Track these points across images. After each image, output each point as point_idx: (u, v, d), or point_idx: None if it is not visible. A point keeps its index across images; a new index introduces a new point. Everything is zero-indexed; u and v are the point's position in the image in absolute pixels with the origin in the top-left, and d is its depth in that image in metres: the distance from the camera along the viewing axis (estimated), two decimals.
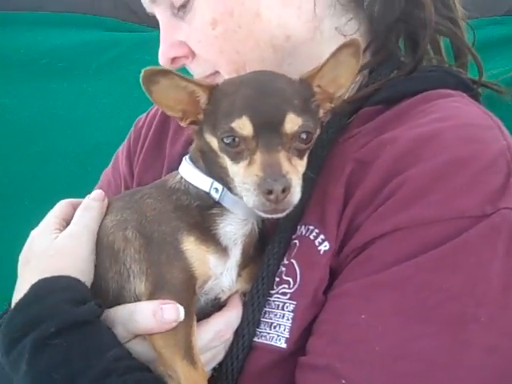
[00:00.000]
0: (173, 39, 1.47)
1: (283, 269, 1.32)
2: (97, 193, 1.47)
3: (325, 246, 1.28)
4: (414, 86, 1.40)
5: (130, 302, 1.31)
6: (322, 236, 1.29)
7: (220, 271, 1.31)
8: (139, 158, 1.82)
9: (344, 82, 1.31)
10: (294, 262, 1.31)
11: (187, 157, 1.39)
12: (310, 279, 1.27)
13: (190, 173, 1.35)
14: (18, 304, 1.25)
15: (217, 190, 1.30)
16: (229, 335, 1.31)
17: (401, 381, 1.12)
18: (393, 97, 1.40)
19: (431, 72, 1.46)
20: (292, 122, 1.19)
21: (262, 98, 1.20)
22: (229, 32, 1.41)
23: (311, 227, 1.31)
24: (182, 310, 1.22)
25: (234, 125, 1.18)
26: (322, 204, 1.31)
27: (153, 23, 2.78)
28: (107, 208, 1.44)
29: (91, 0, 2.84)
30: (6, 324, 1.25)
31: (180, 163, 1.42)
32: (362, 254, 1.22)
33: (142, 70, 1.23)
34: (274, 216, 1.22)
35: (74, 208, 1.46)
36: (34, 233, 1.45)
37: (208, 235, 1.30)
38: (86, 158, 2.87)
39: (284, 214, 1.21)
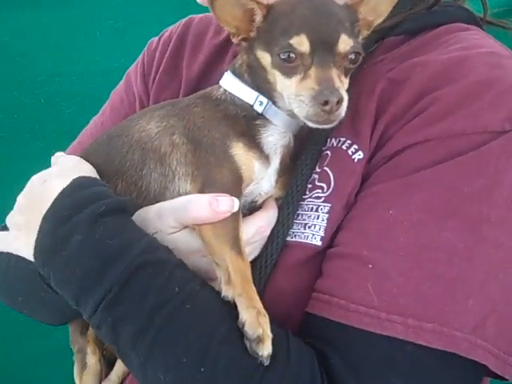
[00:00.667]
0: None
1: (316, 176, 1.42)
2: (58, 154, 1.58)
3: (359, 155, 1.37)
4: (435, 19, 1.52)
5: None
6: (355, 146, 1.38)
7: (261, 176, 1.43)
8: (155, 78, 1.89)
9: (384, 10, 1.41)
10: (327, 169, 1.41)
11: (229, 71, 1.48)
12: (345, 184, 1.37)
13: (234, 86, 1.45)
14: (63, 191, 1.33)
15: (261, 102, 1.41)
16: (268, 231, 1.41)
17: (423, 266, 1.22)
18: (415, 28, 1.51)
19: (448, 7, 1.57)
20: (345, 43, 1.30)
21: (319, 18, 1.31)
22: None
23: (343, 139, 1.41)
24: (236, 201, 1.33)
25: (292, 41, 1.29)
26: (353, 118, 1.39)
27: None
28: (146, 116, 1.51)
29: None
30: (51, 206, 1.32)
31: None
32: (391, 161, 1.32)
33: None
34: (325, 126, 1.33)
35: None
36: (33, 177, 1.48)
37: (254, 143, 1.41)
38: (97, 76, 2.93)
39: (333, 125, 1.32)
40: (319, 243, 1.36)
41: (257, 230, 1.40)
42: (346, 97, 1.29)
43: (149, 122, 1.48)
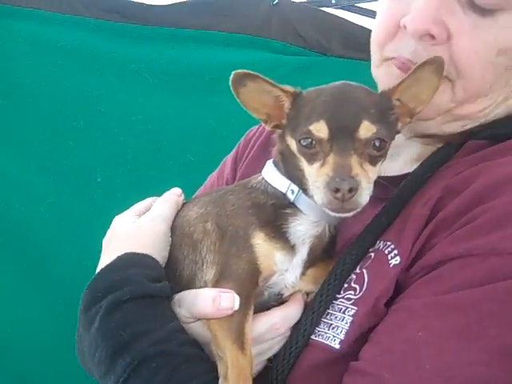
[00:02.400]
0: (437, 14, 1.36)
1: (353, 276, 1.35)
2: (175, 189, 1.58)
3: (395, 260, 1.30)
4: None
5: (199, 288, 1.39)
6: (395, 251, 1.31)
7: (285, 268, 1.37)
8: (243, 164, 1.89)
9: (425, 99, 1.35)
10: (364, 271, 1.34)
11: (271, 160, 1.45)
12: (374, 288, 1.29)
13: (270, 174, 1.42)
14: (103, 269, 1.37)
15: (293, 191, 1.36)
16: (284, 329, 1.35)
17: None
18: (500, 134, 1.41)
19: None
20: (366, 129, 1.24)
21: (340, 104, 1.27)
22: (508, 66, 1.39)
23: (388, 243, 1.34)
24: (237, 299, 1.29)
25: (311, 127, 1.26)
26: (404, 223, 1.33)
27: (318, 48, 2.94)
28: (195, 201, 1.53)
29: (261, 22, 2.99)
30: (90, 284, 1.36)
31: None
32: (431, 273, 1.23)
33: (232, 73, 1.30)
34: (342, 215, 1.27)
35: None
36: (117, 218, 1.56)
37: (278, 232, 1.36)
38: None
39: (351, 214, 1.26)
40: (337, 346, 1.28)
41: (270, 327, 1.34)
42: (364, 185, 1.23)
43: (192, 208, 1.51)
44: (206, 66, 3.02)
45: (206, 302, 1.30)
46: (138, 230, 1.47)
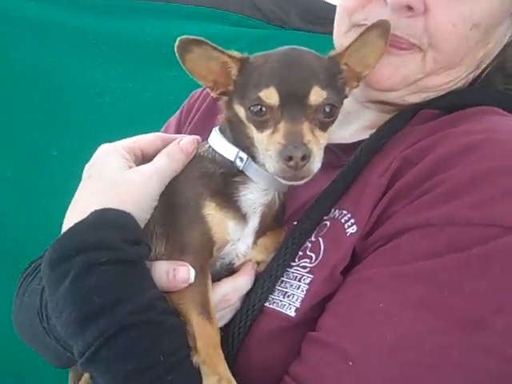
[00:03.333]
0: None
1: (309, 245, 1.35)
2: (189, 142, 1.43)
3: (352, 229, 1.30)
4: (473, 99, 1.43)
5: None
6: (352, 220, 1.31)
7: (237, 237, 1.36)
8: (188, 128, 1.86)
9: (371, 62, 1.35)
10: (320, 240, 1.34)
11: (217, 128, 1.43)
12: (331, 257, 1.29)
13: (217, 142, 1.39)
14: (75, 226, 1.26)
15: (241, 159, 1.34)
16: (235, 300, 1.34)
17: (407, 371, 1.12)
18: (452, 104, 1.42)
19: (492, 89, 1.49)
20: (316, 95, 1.23)
21: (290, 70, 1.25)
22: (478, 41, 1.41)
23: (345, 211, 1.34)
24: (192, 271, 1.27)
25: (261, 94, 1.24)
26: (361, 191, 1.33)
27: (276, 21, 2.92)
28: None
29: None
30: (58, 239, 1.26)
31: None
32: (390, 243, 1.23)
33: (178, 39, 1.28)
34: (294, 183, 1.27)
35: (163, 144, 1.45)
36: (103, 148, 1.44)
37: (229, 202, 1.34)
38: None
39: (303, 181, 1.25)
40: (293, 314, 1.28)
41: (221, 297, 1.33)
42: (316, 152, 1.22)
43: None
44: (163, 39, 2.95)
45: (161, 276, 1.27)
46: (126, 183, 1.34)
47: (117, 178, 1.35)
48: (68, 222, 1.30)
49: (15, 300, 1.63)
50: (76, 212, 1.32)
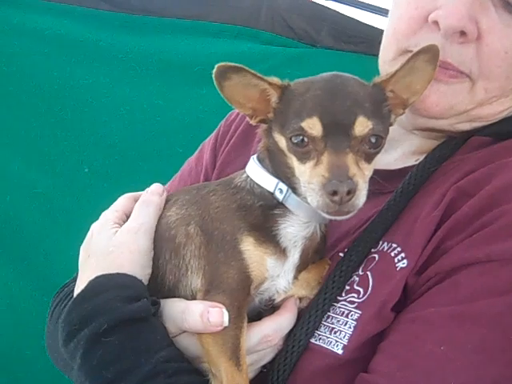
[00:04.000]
0: (471, 11, 1.32)
1: (356, 279, 1.30)
2: (156, 186, 1.45)
3: (403, 263, 1.25)
4: None
5: (185, 295, 1.32)
6: (402, 254, 1.26)
7: (277, 273, 1.31)
8: (224, 151, 1.80)
9: (419, 89, 1.29)
10: (368, 274, 1.29)
11: (255, 156, 1.37)
12: (380, 292, 1.25)
13: (256, 172, 1.34)
14: (76, 298, 1.27)
15: (281, 190, 1.29)
16: (276, 340, 1.29)
17: None
18: (504, 131, 1.38)
19: None
20: (362, 125, 1.18)
21: (334, 99, 1.19)
22: None
23: (394, 245, 1.29)
24: (226, 315, 1.22)
25: (303, 124, 1.18)
26: (412, 224, 1.28)
27: (307, 39, 2.92)
28: (173, 199, 1.42)
29: (250, 13, 2.95)
30: (64, 316, 1.26)
31: None
32: (447, 280, 1.18)
33: (216, 66, 1.22)
34: (338, 218, 1.20)
35: (136, 202, 1.45)
36: (93, 227, 1.45)
37: (268, 236, 1.29)
38: None
39: (348, 216, 1.19)
40: (340, 352, 1.23)
41: (261, 338, 1.28)
42: (361, 186, 1.16)
43: (170, 208, 1.42)
44: (194, 57, 2.97)
45: (195, 318, 1.23)
46: (117, 247, 1.36)
47: (108, 247, 1.36)
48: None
49: (48, 325, 1.63)
50: (78, 291, 1.32)
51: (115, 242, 1.37)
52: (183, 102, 3.07)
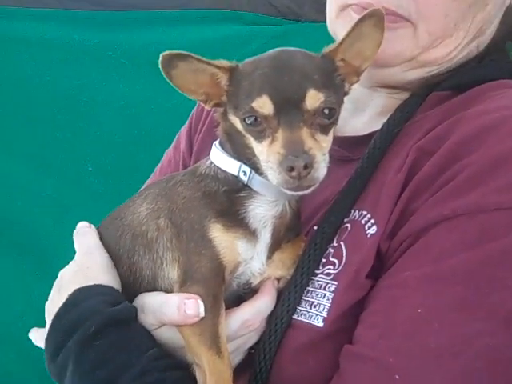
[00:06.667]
0: None
1: (331, 250, 1.30)
2: (81, 224, 1.51)
3: (372, 230, 1.24)
4: (484, 74, 1.38)
5: (165, 288, 1.34)
6: (372, 220, 1.26)
7: (250, 255, 1.30)
8: (198, 137, 1.79)
9: (369, 54, 1.27)
10: (342, 244, 1.29)
11: (217, 142, 1.36)
12: (353, 261, 1.24)
13: (218, 157, 1.33)
14: (57, 313, 1.31)
15: (245, 172, 1.28)
16: (257, 324, 1.29)
17: (459, 378, 1.08)
18: (463, 83, 1.37)
19: (505, 61, 1.44)
20: (313, 98, 1.17)
21: (281, 75, 1.18)
22: (471, 3, 1.36)
23: (364, 212, 1.29)
24: (202, 305, 1.23)
25: (254, 104, 1.17)
26: (379, 190, 1.28)
27: (291, 16, 2.94)
28: (145, 194, 1.43)
29: None
30: (48, 333, 1.30)
31: None
32: (418, 242, 1.18)
33: (160, 55, 1.21)
34: (300, 193, 1.20)
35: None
36: (60, 272, 1.48)
37: (236, 220, 1.28)
38: None
39: (309, 190, 1.19)
40: (321, 324, 1.24)
41: (242, 324, 1.29)
42: (320, 158, 1.16)
43: (141, 204, 1.42)
44: (180, 45, 2.96)
45: (172, 310, 1.25)
46: (81, 266, 1.41)
47: (73, 268, 1.43)
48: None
49: None
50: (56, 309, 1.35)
51: (78, 263, 1.43)
52: (176, 91, 3.09)
